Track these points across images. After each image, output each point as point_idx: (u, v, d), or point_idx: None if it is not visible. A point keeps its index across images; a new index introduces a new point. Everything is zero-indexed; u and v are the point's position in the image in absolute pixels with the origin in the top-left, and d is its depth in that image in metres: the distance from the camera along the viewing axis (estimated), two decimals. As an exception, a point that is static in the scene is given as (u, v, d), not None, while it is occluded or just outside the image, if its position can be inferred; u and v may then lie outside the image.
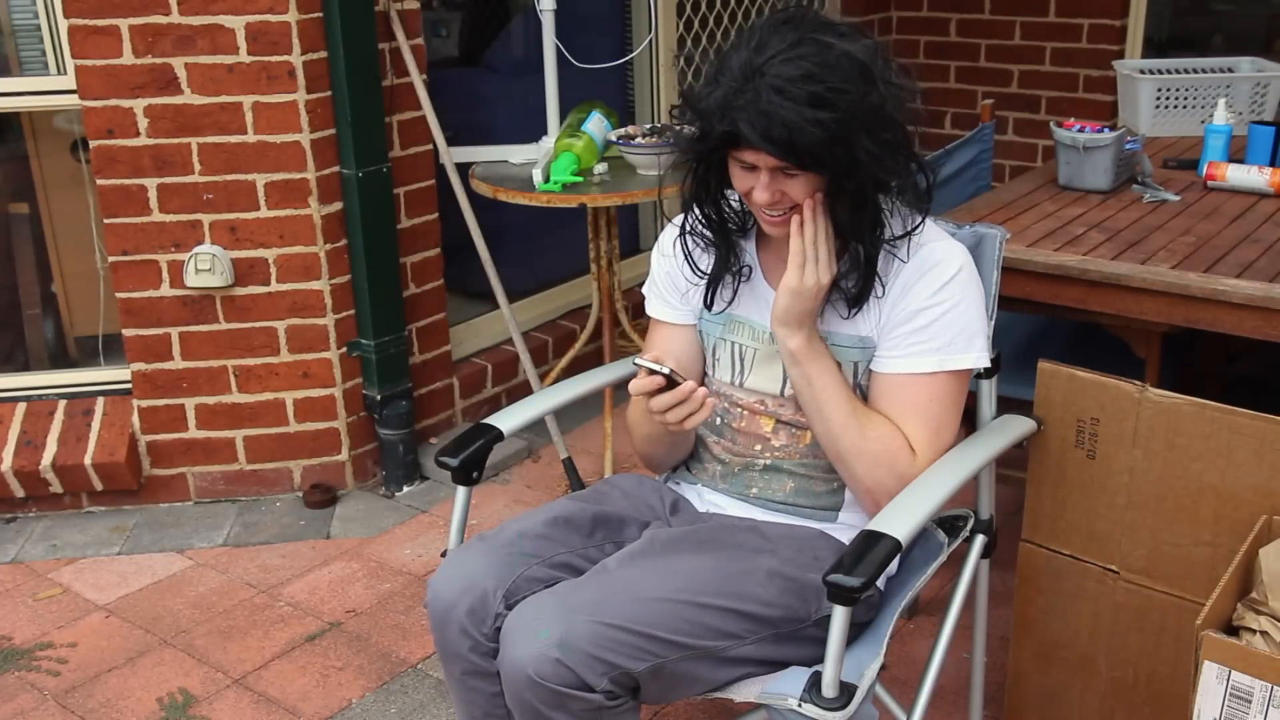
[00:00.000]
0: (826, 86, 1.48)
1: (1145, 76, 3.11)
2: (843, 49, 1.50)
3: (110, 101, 2.79)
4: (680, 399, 1.58)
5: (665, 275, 1.84)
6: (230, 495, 3.15)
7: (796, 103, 1.47)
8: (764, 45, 1.51)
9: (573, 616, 1.48)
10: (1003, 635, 2.30)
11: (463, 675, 1.64)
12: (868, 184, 1.56)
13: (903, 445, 1.63)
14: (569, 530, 1.72)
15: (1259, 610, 1.55)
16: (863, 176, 1.54)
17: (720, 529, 1.72)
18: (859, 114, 1.50)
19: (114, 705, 2.37)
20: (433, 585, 1.65)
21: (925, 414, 1.65)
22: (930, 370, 1.65)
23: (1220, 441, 1.74)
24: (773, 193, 1.57)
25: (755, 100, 1.48)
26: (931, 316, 1.64)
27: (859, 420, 1.63)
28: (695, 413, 1.58)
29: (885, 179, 1.57)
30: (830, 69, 1.49)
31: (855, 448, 1.63)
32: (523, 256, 3.78)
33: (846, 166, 1.53)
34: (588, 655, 1.46)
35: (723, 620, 1.55)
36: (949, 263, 1.65)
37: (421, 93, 3.04)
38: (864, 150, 1.51)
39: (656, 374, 1.58)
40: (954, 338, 1.64)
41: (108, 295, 3.08)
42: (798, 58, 1.48)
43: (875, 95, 1.51)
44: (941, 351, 1.64)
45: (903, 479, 1.61)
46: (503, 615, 1.59)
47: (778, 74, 1.48)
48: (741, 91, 1.49)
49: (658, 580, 1.56)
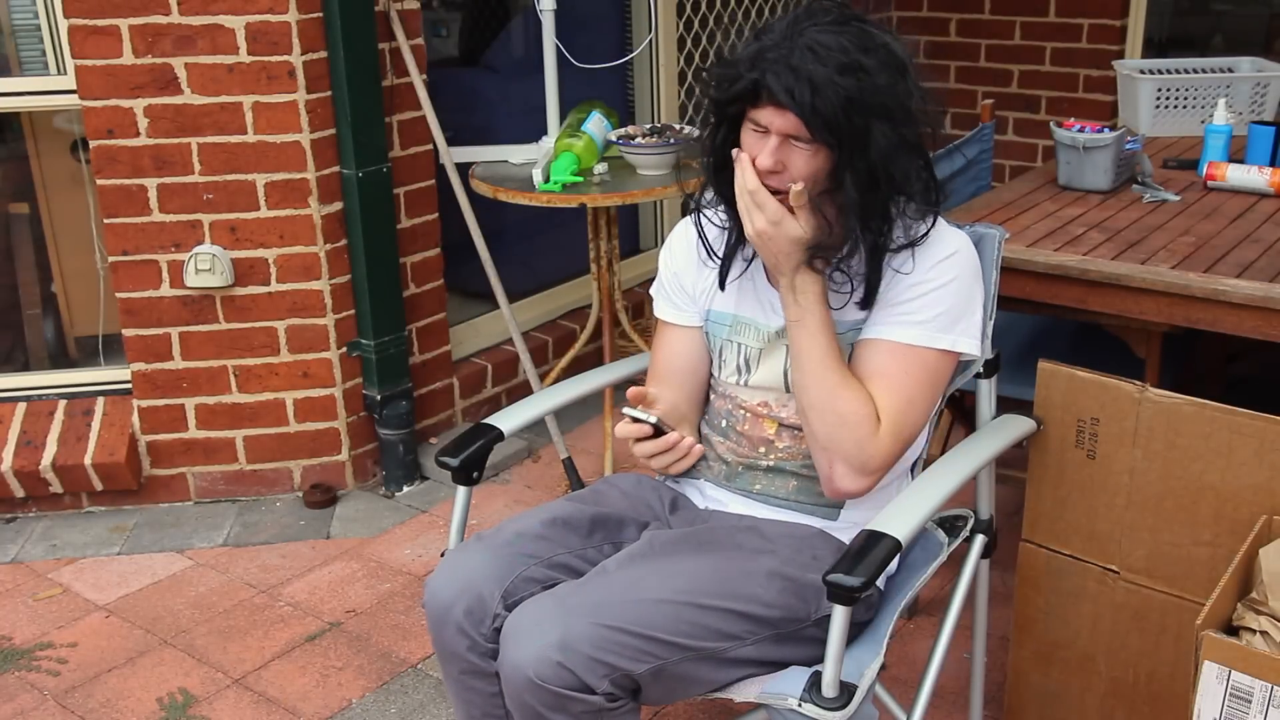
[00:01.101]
0: (859, 63, 1.51)
1: (1145, 76, 3.11)
2: (884, 40, 1.55)
3: (110, 101, 2.79)
4: (664, 449, 1.61)
5: (673, 277, 1.84)
6: (230, 495, 3.15)
7: (826, 66, 1.50)
8: (811, 14, 1.55)
9: (573, 618, 1.48)
10: (1003, 635, 2.30)
11: (460, 675, 1.64)
12: (878, 169, 1.56)
13: (870, 415, 1.61)
14: (567, 531, 1.72)
15: (1259, 610, 1.55)
16: (874, 159, 1.54)
17: (720, 530, 1.72)
18: (884, 99, 1.53)
19: (114, 705, 2.37)
20: (430, 585, 1.65)
21: (898, 384, 1.63)
22: (909, 342, 1.63)
23: (1220, 441, 1.74)
24: (776, 160, 1.57)
25: (788, 55, 1.51)
26: (921, 290, 1.63)
27: (834, 378, 1.61)
28: (681, 459, 1.62)
29: (895, 173, 1.57)
30: (867, 52, 1.53)
31: (821, 403, 1.61)
32: (523, 256, 3.78)
33: (860, 143, 1.53)
34: (588, 657, 1.46)
35: (723, 621, 1.55)
36: (947, 243, 1.66)
37: (421, 93, 3.04)
38: (881, 134, 1.53)
39: (642, 422, 1.59)
40: (939, 315, 1.63)
41: (108, 295, 3.09)
42: (839, 33, 1.52)
43: (904, 88, 1.54)
44: (924, 325, 1.63)
45: (860, 446, 1.59)
46: (501, 616, 1.59)
47: (815, 39, 1.51)
48: (777, 46, 1.52)
49: (658, 581, 1.56)
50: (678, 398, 1.84)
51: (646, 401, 1.64)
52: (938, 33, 4.77)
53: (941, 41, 4.77)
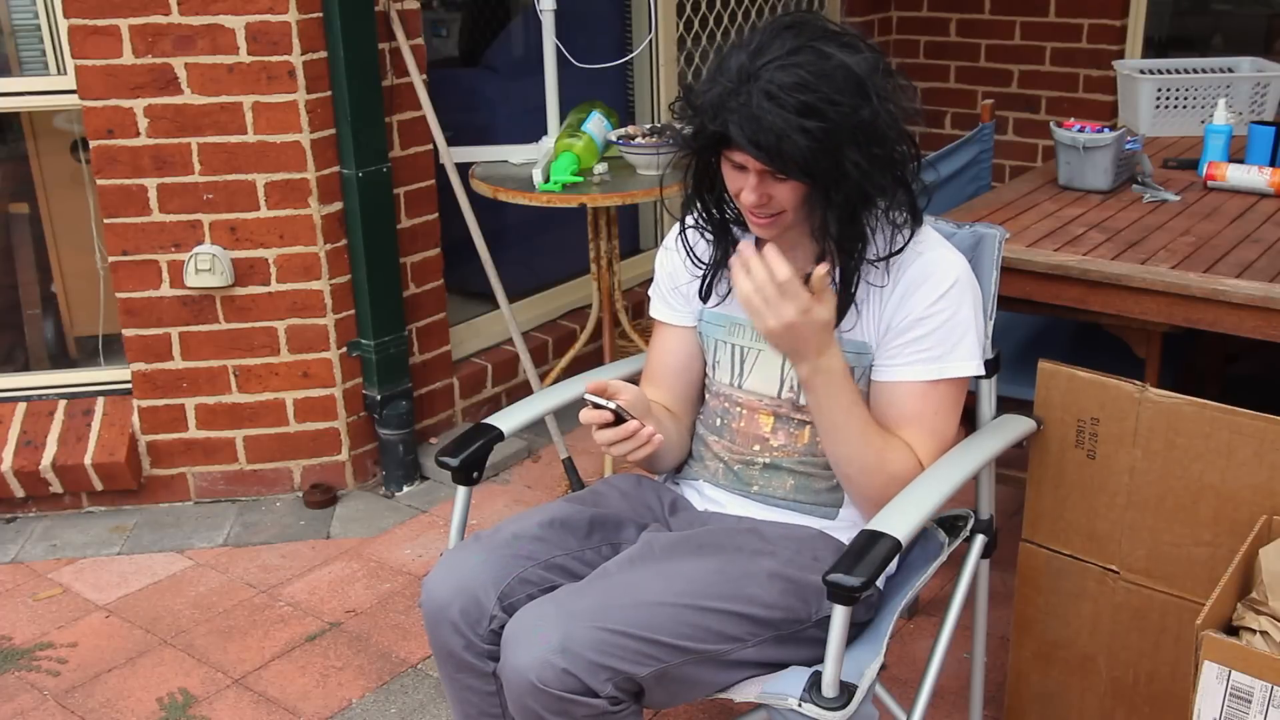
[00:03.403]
0: (818, 96, 1.48)
1: (1145, 76, 3.11)
2: (840, 60, 1.51)
3: (110, 101, 2.79)
4: (624, 436, 1.60)
5: (668, 276, 1.85)
6: (230, 495, 3.15)
7: (786, 110, 1.48)
8: (762, 49, 1.51)
9: (574, 622, 1.48)
10: (1003, 635, 2.30)
11: (456, 674, 1.64)
12: (854, 197, 1.56)
13: (916, 463, 1.64)
14: (565, 533, 1.72)
15: (1259, 610, 1.55)
16: (849, 189, 1.55)
17: (719, 532, 1.72)
18: (849, 127, 1.51)
19: (114, 705, 2.37)
20: (427, 585, 1.65)
21: (931, 425, 1.66)
22: (932, 378, 1.65)
23: (1220, 441, 1.74)
24: (760, 195, 1.58)
25: (747, 104, 1.49)
26: (931, 325, 1.64)
27: (876, 440, 1.63)
28: (641, 448, 1.60)
29: (871, 194, 1.57)
30: (824, 79, 1.49)
31: (874, 466, 1.63)
32: (523, 256, 3.78)
33: (833, 177, 1.53)
34: (590, 661, 1.46)
35: (725, 623, 1.55)
36: (947, 272, 1.66)
37: (421, 93, 3.04)
38: (851, 163, 1.52)
39: (602, 409, 1.59)
40: (954, 346, 1.65)
41: (108, 295, 3.08)
42: (793, 65, 1.49)
43: (868, 110, 1.52)
44: (942, 360, 1.65)
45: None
46: (497, 617, 1.59)
47: (771, 79, 1.49)
48: (735, 94, 1.50)
49: (659, 584, 1.56)
50: (670, 397, 1.85)
51: (608, 393, 1.63)
52: (938, 33, 4.77)
53: (941, 41, 4.77)
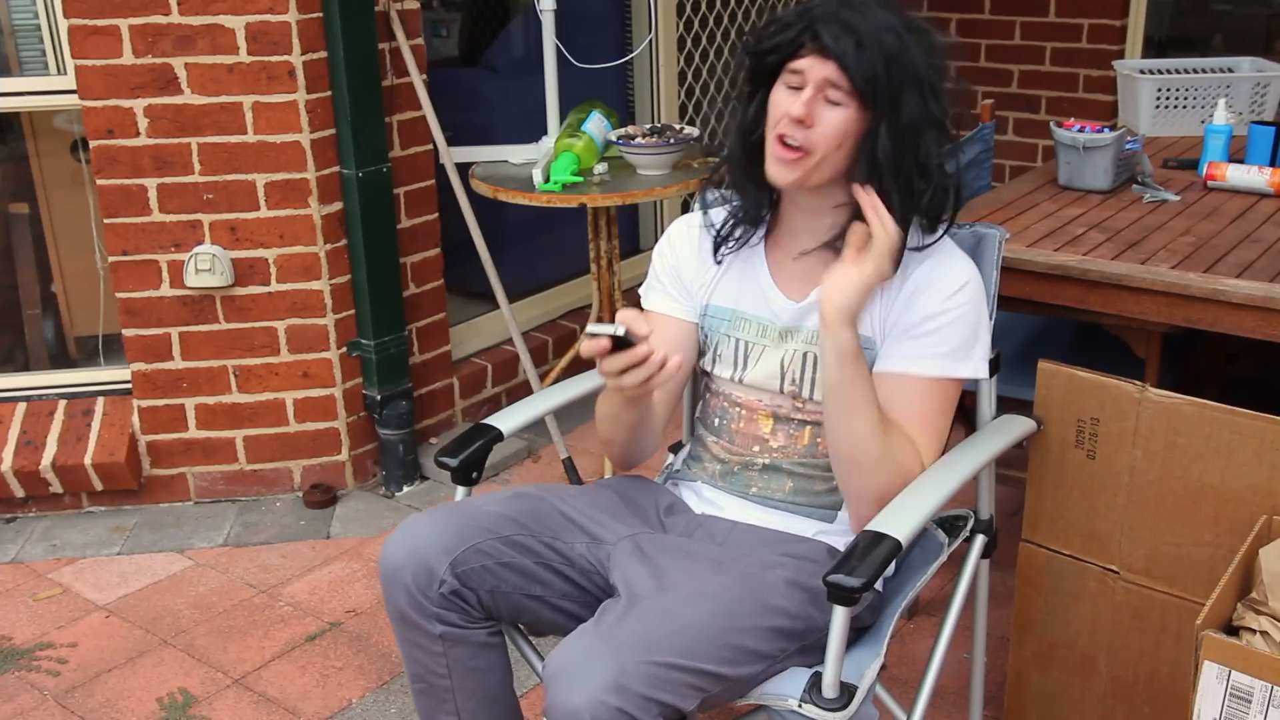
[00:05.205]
0: (903, 36, 1.57)
1: (1145, 76, 3.11)
2: (926, 27, 1.61)
3: (110, 101, 2.80)
4: (633, 362, 1.49)
5: (670, 269, 1.84)
6: (230, 495, 3.15)
7: (873, 26, 1.55)
8: None
9: (624, 657, 1.43)
10: (1003, 635, 2.30)
11: (406, 633, 1.67)
12: (906, 137, 1.58)
13: (917, 456, 1.64)
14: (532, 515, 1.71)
15: (1259, 610, 1.55)
16: (904, 125, 1.57)
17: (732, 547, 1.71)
18: (921, 69, 1.58)
19: (114, 705, 2.37)
20: (385, 547, 1.67)
21: (929, 423, 1.66)
22: (935, 375, 1.65)
23: (1220, 441, 1.74)
24: (807, 112, 1.58)
25: (837, 11, 1.57)
26: (941, 322, 1.65)
27: (884, 428, 1.62)
28: (654, 375, 1.50)
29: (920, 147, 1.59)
30: (913, 32, 1.59)
31: (879, 455, 1.61)
32: (523, 256, 3.78)
33: (893, 104, 1.56)
34: (642, 697, 1.41)
35: (760, 640, 1.52)
36: (960, 273, 1.67)
37: (421, 93, 3.04)
38: (912, 101, 1.57)
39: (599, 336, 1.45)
40: (960, 345, 1.66)
41: (108, 295, 3.09)
42: (888, 10, 1.59)
43: (940, 66, 1.60)
44: (946, 358, 1.65)
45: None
46: (447, 581, 1.61)
47: (865, 4, 1.58)
48: (826, 3, 1.58)
49: (693, 606, 1.52)
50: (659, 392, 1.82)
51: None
52: (938, 33, 4.77)
53: (941, 41, 4.76)
